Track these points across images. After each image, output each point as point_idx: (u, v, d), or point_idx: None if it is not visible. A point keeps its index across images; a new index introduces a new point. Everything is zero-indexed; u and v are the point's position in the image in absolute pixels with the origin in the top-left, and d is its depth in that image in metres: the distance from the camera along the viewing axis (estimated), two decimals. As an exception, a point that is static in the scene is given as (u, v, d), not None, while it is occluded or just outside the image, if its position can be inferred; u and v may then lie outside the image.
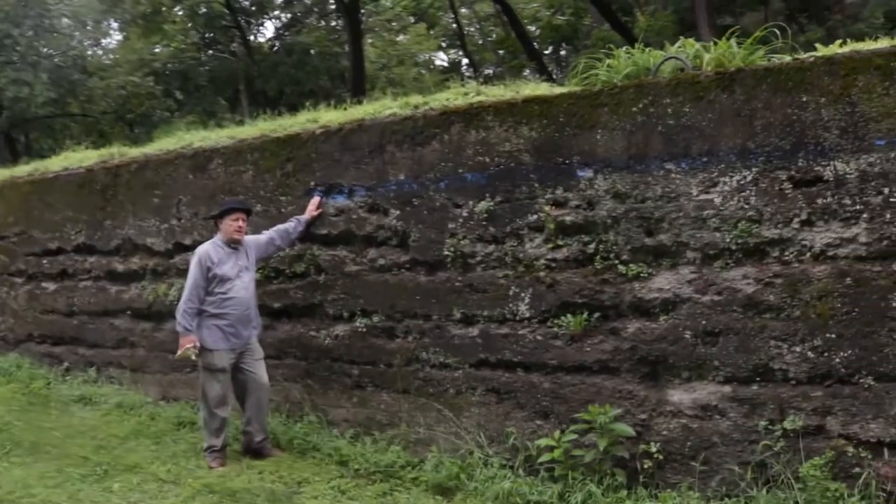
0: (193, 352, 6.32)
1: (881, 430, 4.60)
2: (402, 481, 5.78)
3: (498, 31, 32.86)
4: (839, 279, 4.76)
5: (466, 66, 35.13)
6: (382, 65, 33.28)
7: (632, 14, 25.55)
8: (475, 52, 33.50)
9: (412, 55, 34.80)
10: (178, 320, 6.38)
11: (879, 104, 4.68)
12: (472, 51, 33.09)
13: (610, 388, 5.47)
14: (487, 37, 33.96)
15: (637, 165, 5.43)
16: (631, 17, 25.20)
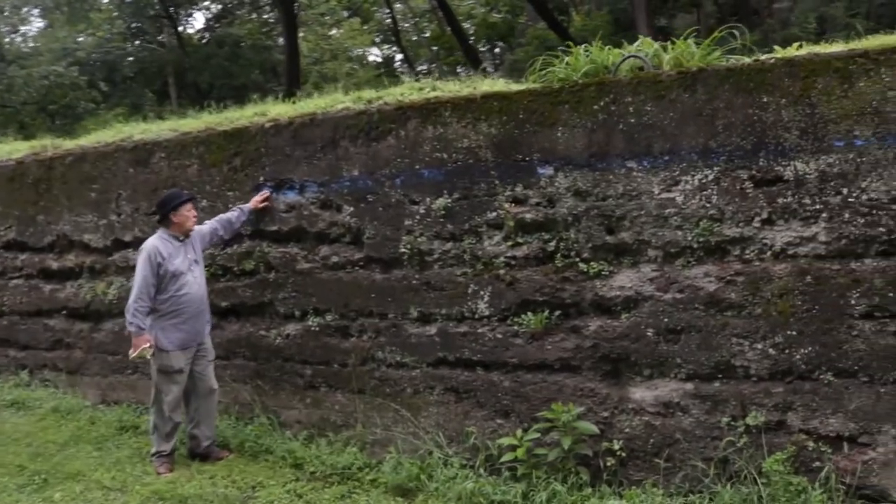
0: (149, 351, 6.07)
1: (840, 425, 4.70)
2: (360, 483, 5.67)
3: (433, 27, 32.82)
4: (799, 277, 4.84)
5: (400, 61, 35.02)
6: (315, 59, 32.89)
7: (568, 13, 25.80)
8: (409, 48, 33.38)
9: (345, 50, 34.48)
10: (129, 320, 6.10)
11: (838, 106, 4.77)
12: (407, 46, 32.96)
13: (572, 386, 5.46)
14: (422, 33, 33.88)
15: (598, 163, 5.43)
16: (567, 16, 25.43)
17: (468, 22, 30.75)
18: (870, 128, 4.69)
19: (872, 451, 4.61)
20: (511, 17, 28.94)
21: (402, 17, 34.30)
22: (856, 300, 4.70)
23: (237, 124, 7.00)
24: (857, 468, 4.60)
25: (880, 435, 4.60)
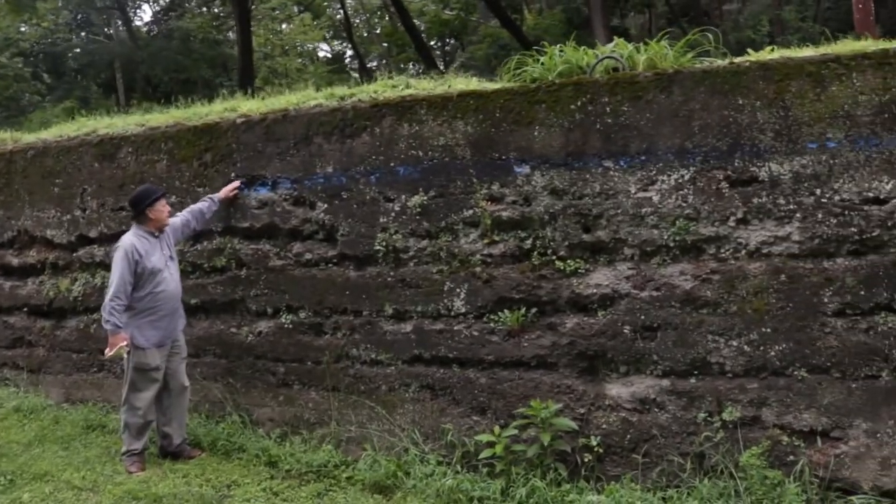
0: (125, 350, 5.97)
1: (813, 420, 4.82)
2: (336, 481, 5.64)
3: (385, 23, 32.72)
4: (774, 276, 4.96)
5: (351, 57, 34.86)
6: (265, 54, 32.57)
7: (520, 11, 25.95)
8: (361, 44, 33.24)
9: (295, 45, 34.20)
10: (106, 318, 5.97)
11: (811, 109, 4.89)
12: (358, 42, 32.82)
13: (548, 383, 5.51)
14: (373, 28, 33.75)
15: (575, 162, 5.49)
16: (520, 14, 25.58)
17: (420, 19, 30.75)
18: (842, 131, 4.82)
19: (844, 445, 4.75)
20: (464, 14, 29.01)
21: (353, 13, 34.13)
22: (828, 298, 4.83)
23: (207, 120, 6.92)
24: (830, 461, 4.73)
25: (852, 429, 4.74)
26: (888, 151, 4.74)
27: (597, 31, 17.85)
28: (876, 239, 4.75)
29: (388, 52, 31.94)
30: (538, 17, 25.64)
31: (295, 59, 33.92)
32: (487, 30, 27.27)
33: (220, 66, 29.25)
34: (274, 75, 31.62)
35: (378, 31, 33.19)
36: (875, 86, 4.79)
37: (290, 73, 30.61)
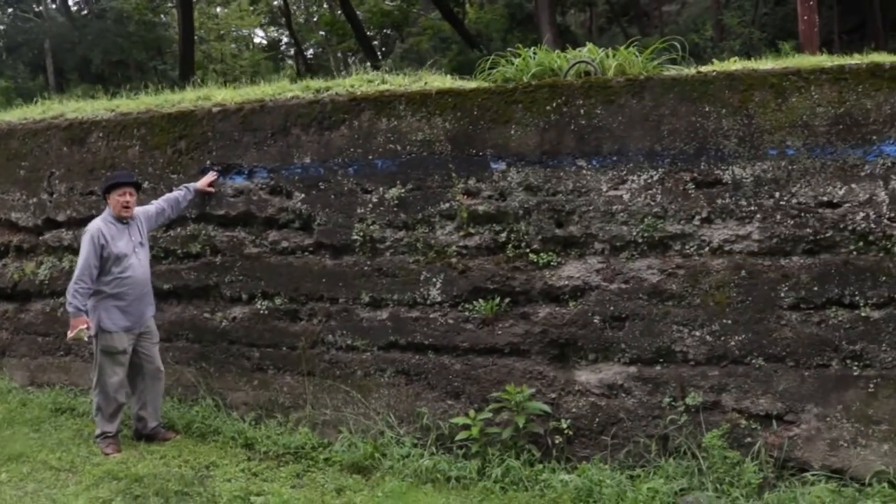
0: (87, 333, 6.03)
1: (769, 405, 5.23)
2: (314, 462, 5.84)
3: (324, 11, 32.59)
4: (735, 271, 5.34)
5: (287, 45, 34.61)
6: (200, 38, 32.12)
7: (462, 5, 26.21)
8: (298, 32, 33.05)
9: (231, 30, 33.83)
10: (69, 300, 6.05)
11: (773, 118, 5.29)
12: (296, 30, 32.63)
13: (521, 369, 5.81)
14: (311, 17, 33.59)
15: (549, 161, 5.78)
16: (462, 7, 25.84)
17: (360, 9, 30.76)
18: (800, 139, 5.23)
19: (797, 428, 5.16)
20: (405, 5, 29.14)
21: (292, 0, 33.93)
22: (784, 293, 5.23)
23: (181, 107, 6.99)
24: (784, 443, 5.14)
25: (804, 413, 5.16)
26: (842, 160, 5.17)
27: (543, 29, 18.22)
28: (829, 239, 5.18)
29: (326, 40, 31.86)
30: (480, 12, 25.97)
31: (230, 45, 33.54)
32: (428, 22, 27.48)
33: (154, 50, 28.74)
34: (208, 60, 31.25)
35: (316, 20, 33.08)
36: (831, 98, 5.20)
37: (225, 58, 30.26)
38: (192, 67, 22.16)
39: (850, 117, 5.18)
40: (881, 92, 5.15)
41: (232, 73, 27.91)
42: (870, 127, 5.14)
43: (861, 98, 5.17)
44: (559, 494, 5.10)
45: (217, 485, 5.52)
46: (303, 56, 32.16)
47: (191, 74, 21.37)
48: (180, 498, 5.36)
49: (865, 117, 5.15)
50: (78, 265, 6.10)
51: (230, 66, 29.00)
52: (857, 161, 5.16)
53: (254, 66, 29.28)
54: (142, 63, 28.54)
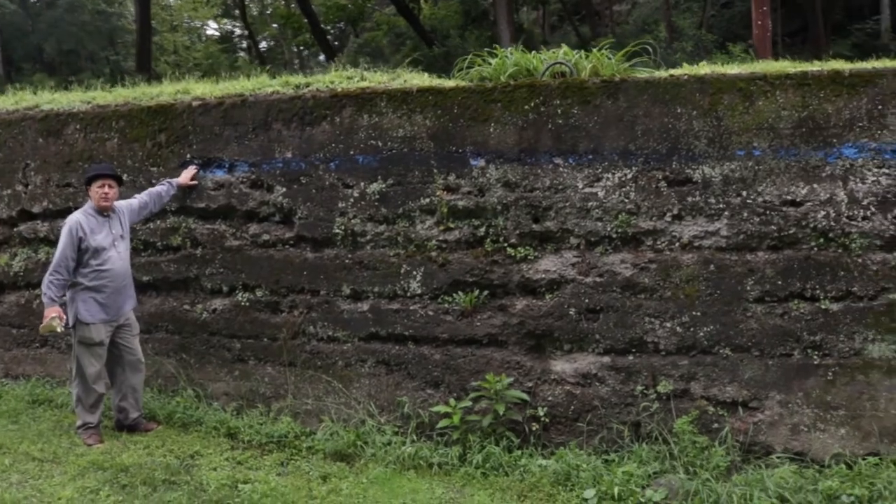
0: (59, 323, 6.06)
1: (735, 392, 5.52)
2: (297, 450, 5.99)
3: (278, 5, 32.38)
4: (704, 266, 5.63)
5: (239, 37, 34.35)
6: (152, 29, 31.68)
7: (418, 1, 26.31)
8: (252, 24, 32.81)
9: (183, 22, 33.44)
10: (44, 290, 6.09)
11: (740, 120, 5.58)
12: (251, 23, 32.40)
13: (499, 359, 6.02)
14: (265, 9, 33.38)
15: (527, 158, 6.00)
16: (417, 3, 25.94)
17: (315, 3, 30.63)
18: (766, 141, 5.53)
19: (761, 414, 5.47)
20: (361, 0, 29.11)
21: (247, -7, 33.65)
22: (750, 286, 5.53)
23: (161, 101, 7.05)
24: (749, 428, 5.45)
25: (767, 400, 5.46)
26: (804, 161, 5.48)
27: (501, 27, 18.45)
28: (792, 236, 5.48)
29: (281, 34, 31.69)
30: (434, 8, 26.09)
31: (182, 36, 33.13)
32: (382, 17, 27.52)
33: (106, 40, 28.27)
34: (161, 51, 30.87)
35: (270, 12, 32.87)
36: (795, 103, 5.51)
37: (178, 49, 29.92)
38: (149, 59, 21.93)
39: (812, 121, 5.49)
40: (841, 97, 5.47)
41: (185, 64, 27.64)
42: (831, 130, 5.46)
43: (823, 103, 5.48)
44: (538, 479, 5.33)
45: (203, 473, 5.64)
46: (257, 49, 31.95)
47: (148, 66, 21.17)
48: (168, 486, 5.46)
49: (827, 121, 5.47)
50: (55, 256, 6.15)
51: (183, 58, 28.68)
52: (819, 162, 5.47)
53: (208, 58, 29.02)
54: (93, 53, 28.10)
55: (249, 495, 5.29)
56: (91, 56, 27.51)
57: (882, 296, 5.33)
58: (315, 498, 5.28)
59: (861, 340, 5.34)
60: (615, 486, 5.08)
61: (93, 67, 25.14)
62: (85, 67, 24.96)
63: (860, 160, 5.42)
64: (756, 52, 12.71)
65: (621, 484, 5.09)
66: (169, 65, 27.55)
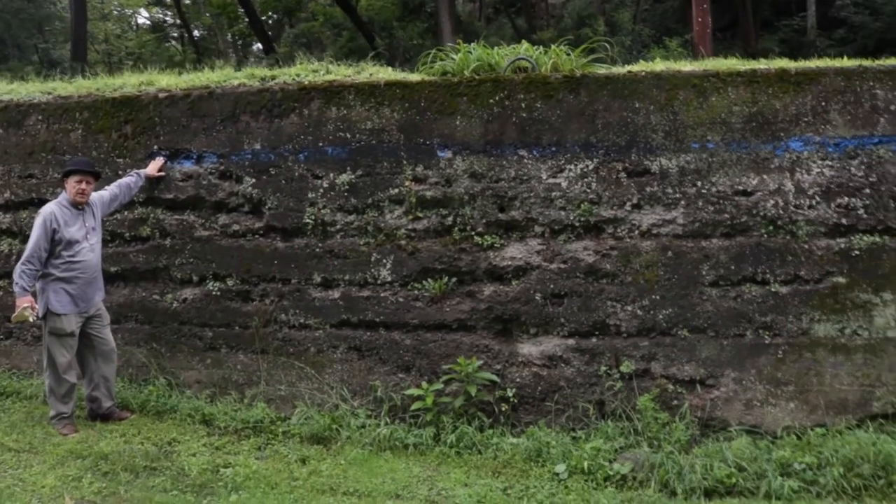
0: (32, 314, 6.08)
1: (693, 371, 5.88)
2: (274, 435, 6.14)
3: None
4: (662, 252, 5.96)
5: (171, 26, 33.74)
6: (82, 17, 30.89)
7: (357, -9, 26.24)
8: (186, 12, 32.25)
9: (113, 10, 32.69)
10: (16, 280, 6.10)
11: (695, 115, 5.92)
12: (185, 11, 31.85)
13: (468, 343, 6.27)
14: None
15: (493, 150, 6.25)
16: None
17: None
18: (719, 134, 5.88)
19: (717, 391, 5.84)
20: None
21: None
22: (706, 271, 5.89)
23: (126, 92, 7.09)
24: (707, 404, 5.81)
25: (723, 378, 5.84)
26: (755, 153, 5.85)
27: (442, 19, 18.64)
28: (743, 224, 5.86)
29: (216, 23, 31.23)
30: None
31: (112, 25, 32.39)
32: (320, 8, 27.36)
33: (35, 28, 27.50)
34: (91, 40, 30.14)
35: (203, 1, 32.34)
36: (746, 99, 5.87)
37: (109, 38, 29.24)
38: (85, 47, 21.46)
39: (761, 116, 5.87)
40: (788, 94, 5.86)
41: (117, 53, 27.07)
42: (779, 125, 5.84)
43: (771, 99, 5.86)
44: (511, 456, 5.61)
45: (183, 459, 5.76)
46: (192, 38, 31.44)
47: (84, 55, 20.74)
48: (149, 472, 5.58)
49: (775, 116, 5.85)
50: (28, 246, 6.16)
51: (115, 47, 28.07)
52: (768, 155, 5.85)
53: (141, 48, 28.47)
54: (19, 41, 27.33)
55: (232, 479, 5.45)
56: (18, 44, 26.74)
57: (826, 279, 5.75)
58: (297, 479, 5.47)
59: (808, 321, 5.75)
60: (584, 460, 5.38)
61: (19, 55, 24.46)
62: (11, 55, 24.28)
63: (806, 153, 5.81)
64: (696, 48, 13.19)
65: (590, 458, 5.40)
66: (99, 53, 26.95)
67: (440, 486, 5.35)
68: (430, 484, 5.40)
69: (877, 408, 5.62)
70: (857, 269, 5.73)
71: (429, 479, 5.47)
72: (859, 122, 5.79)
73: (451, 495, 5.23)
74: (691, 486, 5.11)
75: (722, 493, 5.09)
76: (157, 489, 5.35)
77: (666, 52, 14.21)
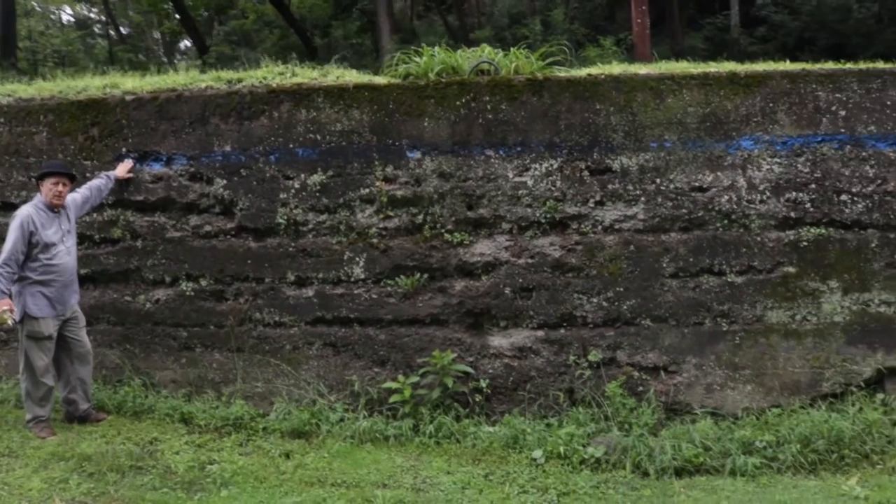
0: (10, 316, 6.08)
1: (657, 358, 6.24)
2: (254, 431, 6.28)
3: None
4: (624, 246, 6.30)
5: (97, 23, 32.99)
6: (4, 13, 29.93)
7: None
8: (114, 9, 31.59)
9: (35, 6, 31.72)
10: None
11: (653, 116, 6.26)
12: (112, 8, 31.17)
13: (441, 336, 6.51)
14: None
15: (461, 150, 6.50)
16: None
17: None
18: (676, 134, 6.23)
19: (679, 377, 6.21)
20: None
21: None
22: (666, 264, 6.25)
23: (91, 94, 7.10)
24: (670, 389, 6.18)
25: (684, 364, 6.21)
26: (709, 152, 6.22)
27: (380, 18, 18.77)
28: (700, 218, 6.23)
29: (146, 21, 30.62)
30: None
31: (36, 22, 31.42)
32: (250, 6, 27.12)
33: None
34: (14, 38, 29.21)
35: (133, 0, 31.71)
36: (700, 100, 6.24)
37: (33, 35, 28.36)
38: (14, 44, 20.88)
39: (714, 116, 6.24)
40: (738, 96, 6.24)
41: (42, 51, 26.37)
42: (731, 125, 6.22)
43: (723, 100, 6.24)
44: (489, 444, 5.88)
45: (168, 457, 5.87)
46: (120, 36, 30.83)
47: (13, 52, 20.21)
48: (136, 472, 5.67)
49: (727, 116, 6.23)
50: (4, 249, 6.16)
51: (40, 45, 27.28)
52: (721, 153, 6.23)
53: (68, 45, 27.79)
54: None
55: (220, 475, 5.60)
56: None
57: (778, 269, 6.16)
58: (284, 473, 5.64)
59: (762, 308, 6.16)
60: (560, 445, 5.69)
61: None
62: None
63: (756, 151, 6.21)
64: (637, 48, 13.66)
65: (565, 443, 5.70)
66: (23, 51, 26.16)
67: (424, 475, 5.59)
68: (413, 473, 5.63)
69: (826, 388, 6.06)
70: (805, 259, 6.15)
71: (412, 468, 5.70)
72: (804, 121, 6.21)
73: (435, 483, 5.47)
74: (662, 467, 5.46)
75: (691, 472, 5.46)
76: (146, 487, 5.45)
77: (601, 51, 14.63)
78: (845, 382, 6.06)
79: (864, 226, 6.14)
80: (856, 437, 5.58)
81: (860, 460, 5.52)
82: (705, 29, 20.91)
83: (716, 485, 5.32)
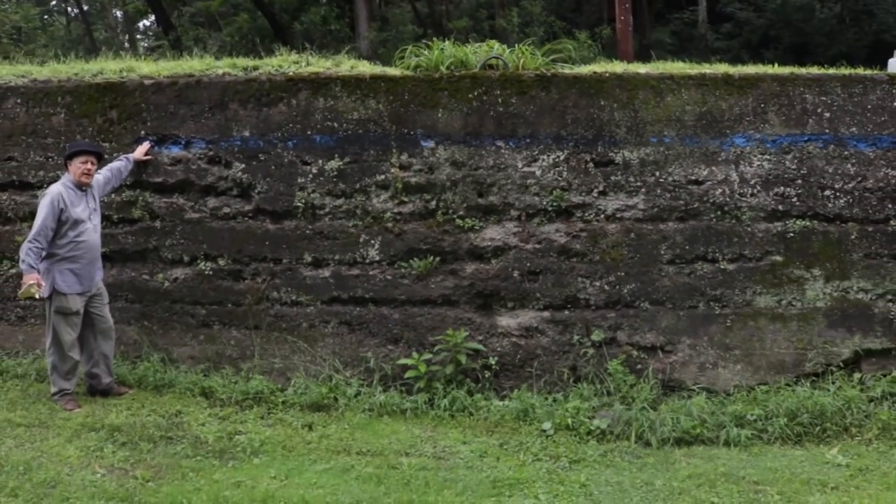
0: (37, 290, 6.30)
1: (654, 339, 6.71)
2: (274, 405, 6.58)
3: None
4: (626, 234, 6.75)
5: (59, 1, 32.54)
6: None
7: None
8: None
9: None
10: (23, 257, 6.31)
11: (653, 113, 6.71)
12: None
13: (452, 316, 6.90)
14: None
15: (473, 141, 6.87)
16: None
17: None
18: (674, 130, 6.69)
19: (675, 356, 6.69)
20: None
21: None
22: (664, 251, 6.72)
23: (109, 78, 7.30)
24: (667, 368, 6.66)
25: (679, 344, 6.70)
26: (705, 147, 6.70)
27: (358, 5, 18.94)
28: (696, 209, 6.71)
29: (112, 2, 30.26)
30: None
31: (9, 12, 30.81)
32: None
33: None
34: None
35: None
36: (697, 99, 6.70)
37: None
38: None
39: (710, 115, 6.71)
40: (732, 96, 6.72)
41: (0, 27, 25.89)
42: (725, 123, 6.70)
43: (718, 100, 6.71)
44: (501, 416, 6.30)
45: (195, 428, 6.16)
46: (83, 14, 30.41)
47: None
48: (167, 441, 5.95)
49: (721, 115, 6.70)
50: (35, 225, 6.37)
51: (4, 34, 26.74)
52: (716, 149, 6.70)
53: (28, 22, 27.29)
54: None
55: (249, 444, 5.91)
56: None
57: (766, 258, 6.67)
58: (310, 442, 5.99)
59: (751, 294, 6.66)
60: (567, 418, 6.13)
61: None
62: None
63: (748, 148, 6.69)
64: (619, 44, 14.15)
65: (572, 416, 6.14)
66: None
67: (442, 444, 5.99)
68: (432, 443, 6.02)
69: (809, 367, 6.60)
70: (791, 248, 6.67)
71: (430, 438, 6.09)
72: (792, 121, 6.71)
73: (454, 451, 5.87)
74: (663, 437, 5.93)
75: (689, 442, 5.95)
76: (179, 455, 5.75)
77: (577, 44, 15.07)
78: (826, 363, 6.60)
79: (845, 219, 6.67)
80: (836, 412, 6.12)
81: (840, 433, 6.06)
82: (672, 24, 21.53)
83: (712, 454, 5.82)
